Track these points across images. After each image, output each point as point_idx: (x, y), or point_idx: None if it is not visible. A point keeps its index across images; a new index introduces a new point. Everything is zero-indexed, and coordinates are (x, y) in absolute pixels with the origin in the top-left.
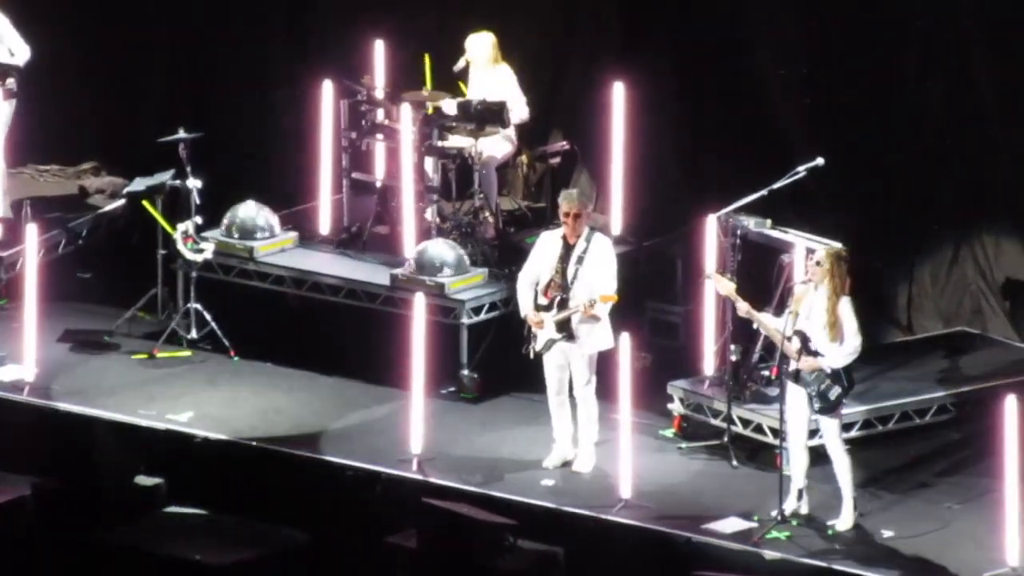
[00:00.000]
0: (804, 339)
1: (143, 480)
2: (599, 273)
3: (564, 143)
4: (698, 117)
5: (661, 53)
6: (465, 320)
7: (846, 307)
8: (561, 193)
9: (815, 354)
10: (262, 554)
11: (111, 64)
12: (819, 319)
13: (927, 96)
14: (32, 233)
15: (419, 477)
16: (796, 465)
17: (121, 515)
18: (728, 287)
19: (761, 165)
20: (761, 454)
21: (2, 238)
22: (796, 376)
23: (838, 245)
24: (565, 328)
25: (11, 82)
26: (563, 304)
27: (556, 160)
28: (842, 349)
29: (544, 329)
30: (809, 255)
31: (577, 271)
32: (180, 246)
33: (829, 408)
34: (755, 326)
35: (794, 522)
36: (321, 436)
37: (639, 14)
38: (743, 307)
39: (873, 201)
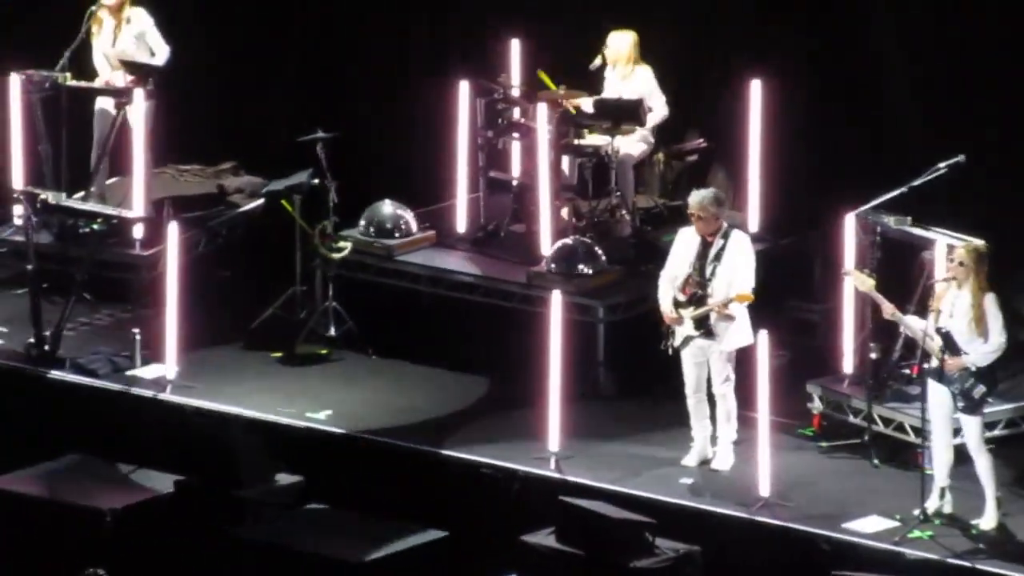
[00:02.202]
0: (947, 337)
1: (283, 478)
2: (736, 271)
3: (701, 141)
4: (836, 113)
5: (798, 50)
6: (602, 318)
7: (991, 304)
8: (691, 194)
9: (959, 353)
10: (399, 552)
11: (250, 64)
12: (963, 317)
13: None
14: (173, 232)
15: (557, 475)
16: (939, 464)
17: (261, 513)
18: (868, 284)
19: (900, 162)
20: (902, 453)
21: (144, 237)
22: (939, 374)
23: (979, 241)
24: (703, 325)
25: (152, 83)
26: (700, 301)
27: (693, 158)
28: (986, 347)
29: (682, 326)
30: (950, 252)
31: (715, 268)
32: (318, 245)
33: (973, 407)
34: (901, 328)
35: (937, 521)
36: (458, 434)
37: (776, 12)
38: (888, 309)
39: (1013, 198)
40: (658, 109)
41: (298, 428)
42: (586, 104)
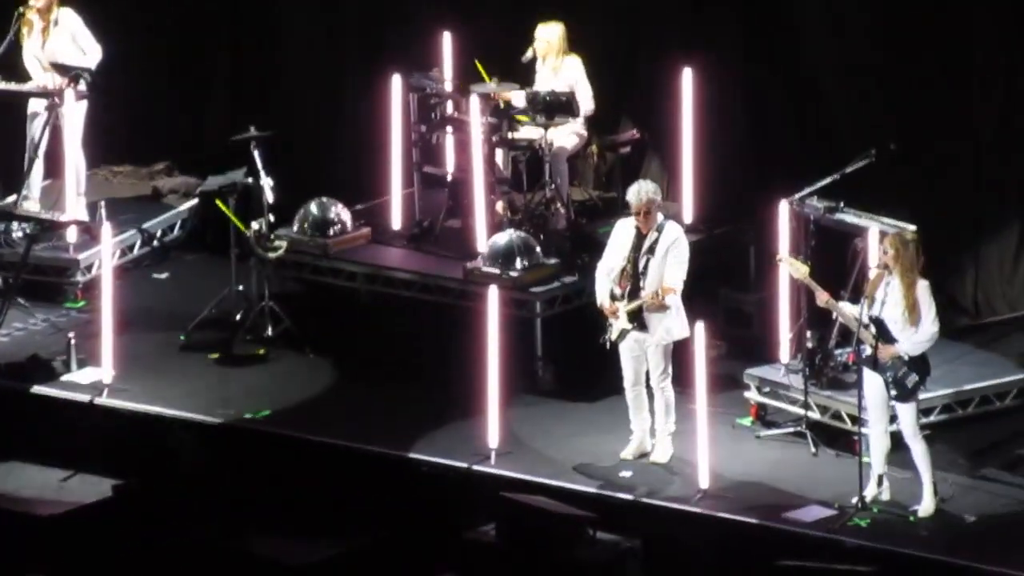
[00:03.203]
0: (880, 325)
1: None
2: (667, 262)
3: (634, 132)
4: (767, 102)
5: (729, 39)
6: (539, 313)
7: (923, 292)
8: (628, 189)
9: (892, 341)
10: (341, 551)
11: (182, 63)
12: (895, 305)
13: (994, 78)
14: (107, 235)
15: (496, 471)
16: (876, 451)
17: (200, 514)
18: (802, 271)
19: (832, 149)
20: (840, 441)
21: (79, 240)
22: (874, 362)
23: (910, 228)
24: (637, 318)
25: (83, 84)
26: (635, 294)
27: (627, 149)
28: (918, 336)
29: (618, 319)
30: (882, 239)
31: (648, 261)
32: (253, 244)
33: (906, 395)
34: (834, 316)
35: (875, 509)
36: (397, 432)
37: (708, 1)
38: (822, 296)
39: (939, 186)
40: (584, 102)
41: (236, 429)
42: (518, 98)
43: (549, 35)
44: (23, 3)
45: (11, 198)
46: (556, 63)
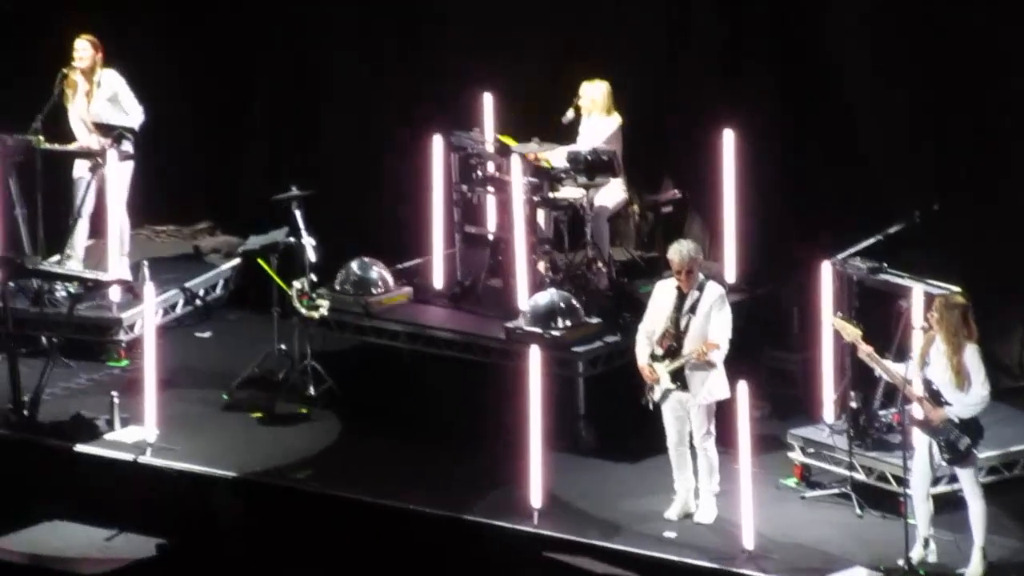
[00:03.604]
0: (930, 386)
1: None
2: (710, 322)
3: (675, 191)
4: (809, 161)
5: (769, 99)
6: (581, 372)
7: (972, 356)
8: (670, 248)
9: (942, 403)
10: None
11: (224, 123)
12: (944, 368)
13: None
14: (150, 294)
15: (539, 531)
16: (920, 514)
17: (242, 572)
18: (853, 332)
19: (876, 208)
20: (885, 502)
21: (122, 300)
22: (923, 424)
23: (955, 290)
24: (679, 378)
25: (127, 144)
26: (676, 354)
27: (668, 209)
28: (968, 399)
29: (659, 380)
30: (928, 300)
31: (689, 321)
32: (296, 303)
33: (959, 459)
34: (877, 373)
35: (921, 571)
36: (441, 490)
37: (746, 61)
38: (865, 350)
39: (983, 245)
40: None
41: (280, 487)
42: (558, 158)
43: (594, 92)
44: (67, 65)
45: (55, 257)
46: (599, 121)
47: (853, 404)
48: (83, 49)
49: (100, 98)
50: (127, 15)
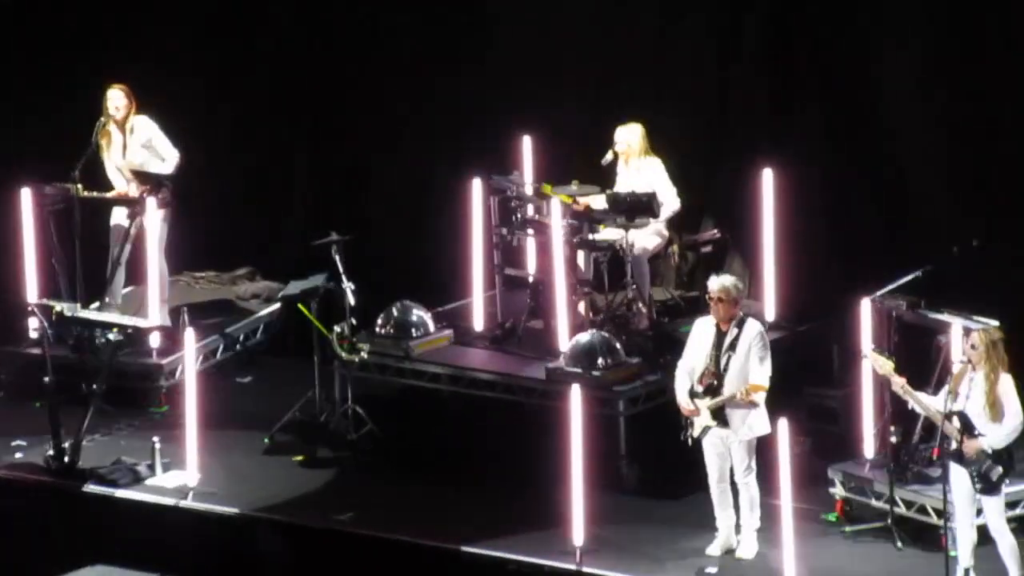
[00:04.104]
0: (964, 419)
1: None
2: (750, 360)
3: (715, 231)
4: (848, 200)
5: (809, 138)
6: (622, 411)
7: (1006, 386)
8: (709, 280)
9: (976, 435)
10: None
11: (260, 168)
12: (979, 399)
13: None
14: (190, 340)
15: (583, 569)
16: (963, 545)
17: None
18: (887, 366)
19: (914, 245)
20: (926, 535)
21: (162, 346)
22: (958, 456)
23: (994, 324)
24: (720, 415)
25: (165, 192)
26: (717, 391)
27: (708, 248)
28: (1002, 429)
29: (700, 416)
30: (966, 335)
31: (729, 358)
32: (336, 348)
33: (991, 488)
34: (911, 406)
35: None
36: (483, 531)
37: (787, 101)
38: (899, 383)
39: (1021, 278)
40: (669, 202)
41: (323, 529)
42: (598, 202)
43: (629, 136)
44: (102, 114)
45: (94, 305)
46: (637, 163)
47: (893, 439)
48: (116, 99)
49: (134, 145)
50: (169, 61)
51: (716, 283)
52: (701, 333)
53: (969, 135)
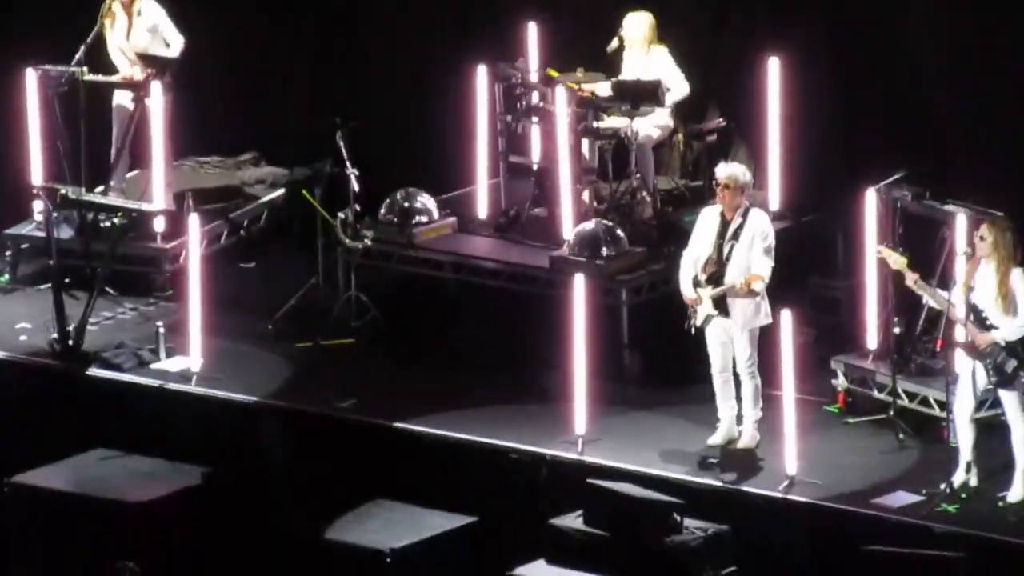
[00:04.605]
0: (976, 312)
1: None
2: (753, 250)
3: (720, 120)
4: (854, 89)
5: (815, 26)
6: (625, 301)
7: (1018, 278)
8: (718, 167)
9: (989, 327)
10: (431, 537)
11: (267, 54)
12: (989, 292)
13: None
14: (194, 225)
15: (583, 458)
16: (964, 438)
17: (288, 502)
18: (900, 261)
19: (920, 136)
20: (928, 427)
21: (165, 230)
22: (969, 348)
23: (1000, 215)
24: (721, 305)
25: (169, 75)
26: (720, 280)
27: (713, 138)
28: (1016, 321)
29: (702, 305)
30: (975, 226)
31: (732, 247)
32: (340, 234)
33: (1007, 381)
34: (924, 300)
35: (963, 495)
36: (486, 420)
37: None
38: (912, 278)
39: None
40: (678, 88)
41: (324, 416)
42: (603, 88)
43: (637, 24)
44: None
45: (99, 189)
46: (643, 52)
47: (896, 330)
48: None
49: (140, 28)
50: None
51: (724, 170)
52: (706, 222)
53: (978, 29)
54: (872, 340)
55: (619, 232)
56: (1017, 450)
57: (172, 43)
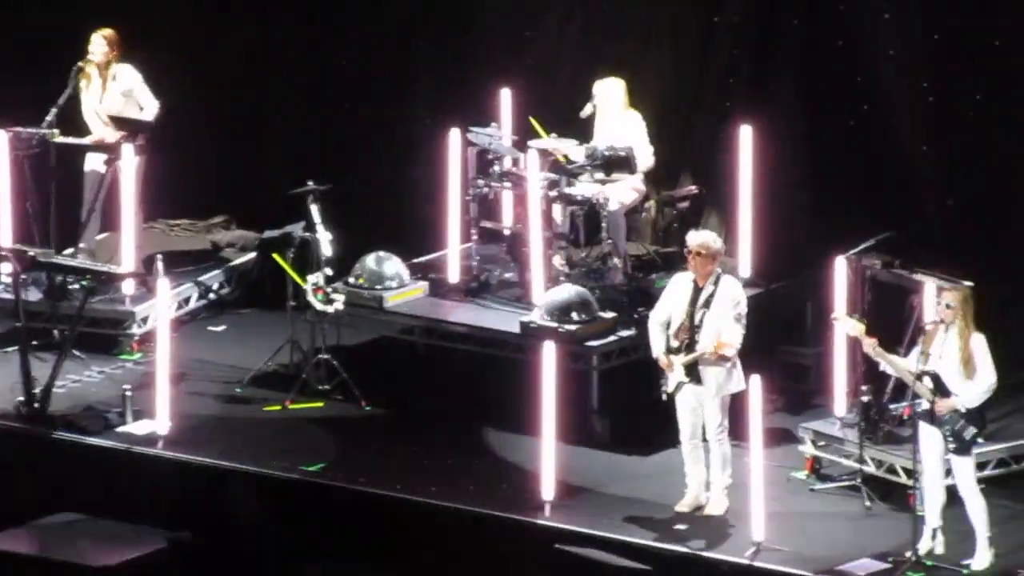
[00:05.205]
0: (937, 379)
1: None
2: (725, 318)
3: (692, 187)
4: (825, 158)
5: (788, 95)
6: (595, 366)
7: (980, 344)
8: (690, 232)
9: (948, 394)
10: None
11: (240, 117)
12: (952, 358)
13: None
14: (164, 287)
15: (551, 523)
16: (931, 504)
17: (256, 566)
18: (858, 328)
19: (889, 204)
20: (894, 495)
21: (135, 293)
22: (930, 416)
23: (967, 284)
24: (693, 371)
25: (142, 138)
26: (692, 347)
27: (684, 204)
28: (976, 387)
29: (674, 372)
30: (939, 294)
31: (704, 315)
32: (311, 297)
33: (964, 448)
34: (882, 367)
35: (929, 563)
36: (454, 484)
37: (767, 58)
38: (870, 344)
39: (999, 238)
40: (644, 159)
41: (292, 481)
42: (575, 152)
43: (609, 90)
44: (82, 58)
45: (68, 251)
46: (616, 118)
47: (864, 398)
48: (97, 43)
49: (114, 92)
50: (150, 9)
51: (695, 237)
52: (678, 288)
53: (948, 97)
54: (840, 407)
55: (590, 298)
56: (975, 518)
57: (146, 107)
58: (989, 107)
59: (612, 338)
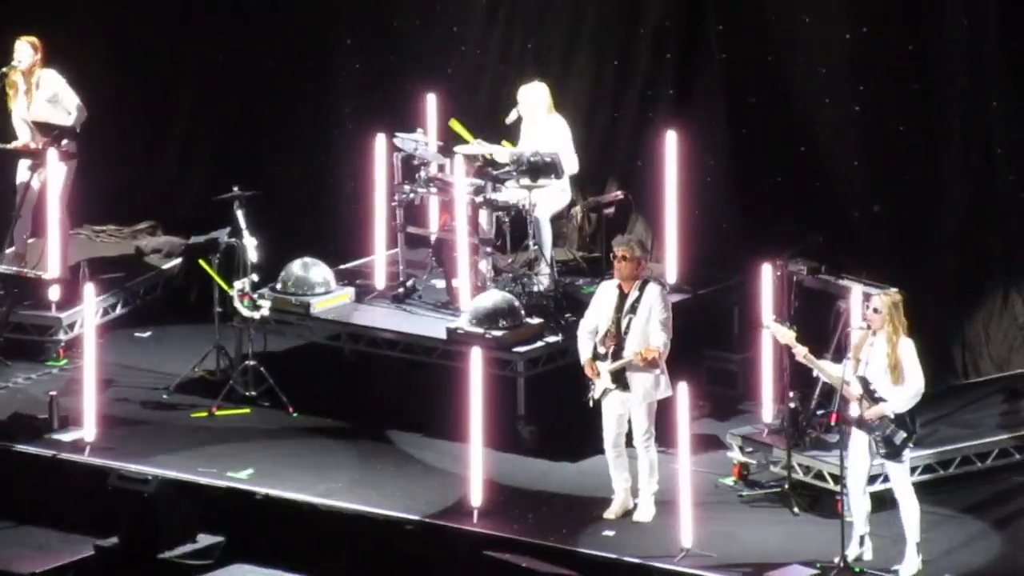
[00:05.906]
0: (866, 385)
1: (204, 538)
2: (651, 323)
3: (618, 193)
4: (751, 164)
5: (714, 101)
6: (522, 372)
7: (907, 349)
8: (616, 238)
9: (878, 400)
10: None
11: (165, 123)
12: (879, 364)
13: (977, 141)
14: (90, 294)
15: (480, 530)
16: (857, 511)
17: (182, 574)
18: (788, 335)
19: (815, 211)
20: (822, 501)
21: (61, 299)
22: (859, 422)
23: (894, 290)
24: (620, 378)
25: (67, 144)
26: (617, 354)
27: (611, 210)
28: (904, 392)
29: (600, 378)
30: (866, 300)
31: (630, 321)
32: (237, 304)
33: (894, 453)
34: (815, 373)
35: (857, 568)
36: (380, 490)
37: (692, 64)
38: (801, 352)
39: (924, 247)
40: (569, 164)
41: (219, 488)
42: (502, 154)
43: (533, 95)
44: (6, 65)
45: None
46: (541, 123)
47: (791, 404)
48: (21, 50)
49: (39, 99)
50: (71, 15)
51: (621, 241)
52: (605, 295)
53: (873, 102)
54: (767, 413)
55: (516, 303)
56: (907, 523)
57: (72, 112)
58: (914, 114)
59: (539, 344)
